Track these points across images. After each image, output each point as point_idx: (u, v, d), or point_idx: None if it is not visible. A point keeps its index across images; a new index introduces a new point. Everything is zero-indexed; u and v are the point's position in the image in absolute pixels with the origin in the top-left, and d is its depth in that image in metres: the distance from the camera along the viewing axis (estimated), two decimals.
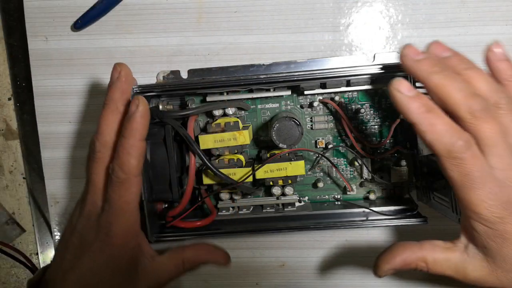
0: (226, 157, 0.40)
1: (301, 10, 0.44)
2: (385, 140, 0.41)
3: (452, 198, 0.37)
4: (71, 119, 0.46)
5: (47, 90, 0.46)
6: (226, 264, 0.39)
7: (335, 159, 0.44)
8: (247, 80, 0.37)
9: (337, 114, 0.42)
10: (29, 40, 0.45)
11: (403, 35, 0.44)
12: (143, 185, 0.37)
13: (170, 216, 0.40)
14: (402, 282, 0.47)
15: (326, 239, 0.47)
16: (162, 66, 0.45)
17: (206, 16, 0.44)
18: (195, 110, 0.39)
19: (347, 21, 0.44)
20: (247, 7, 0.44)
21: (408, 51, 0.31)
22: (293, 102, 0.43)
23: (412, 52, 0.31)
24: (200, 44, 0.45)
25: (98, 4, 0.44)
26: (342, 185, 0.44)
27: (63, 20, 0.45)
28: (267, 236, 0.47)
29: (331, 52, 0.44)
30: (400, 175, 0.42)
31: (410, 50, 0.31)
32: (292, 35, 0.44)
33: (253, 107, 0.43)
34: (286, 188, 0.41)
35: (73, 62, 0.45)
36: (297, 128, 0.38)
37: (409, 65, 0.31)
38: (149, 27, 0.45)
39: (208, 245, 0.39)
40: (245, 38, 0.45)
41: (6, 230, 0.50)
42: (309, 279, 0.48)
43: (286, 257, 0.48)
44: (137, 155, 0.33)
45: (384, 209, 0.42)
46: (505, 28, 0.43)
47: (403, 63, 0.31)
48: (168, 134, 0.39)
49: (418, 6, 0.43)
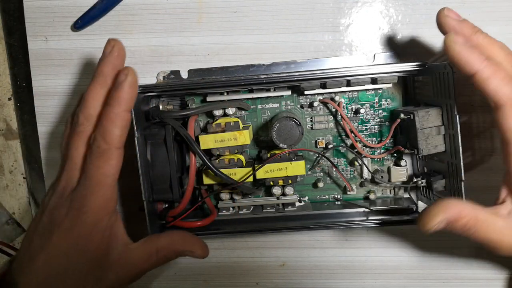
0: (227, 157, 0.40)
1: (301, 10, 0.44)
2: (385, 140, 0.41)
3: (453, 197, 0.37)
4: None
5: (47, 90, 0.46)
6: (203, 256, 0.37)
7: (335, 159, 0.44)
8: (247, 80, 0.37)
9: (337, 114, 0.42)
10: (29, 40, 0.45)
11: (403, 35, 0.44)
12: (144, 185, 0.37)
13: (171, 216, 0.40)
14: (403, 281, 0.47)
15: (326, 239, 0.47)
16: (162, 66, 0.45)
17: (206, 16, 0.44)
18: (196, 110, 0.39)
19: (347, 21, 0.44)
20: (247, 7, 0.44)
21: (449, 12, 0.33)
22: (293, 102, 0.43)
23: (453, 13, 0.33)
24: (200, 44, 0.45)
25: (98, 4, 0.44)
26: (342, 185, 0.44)
27: (63, 20, 0.45)
28: (267, 236, 0.47)
29: (331, 52, 0.44)
30: (400, 175, 0.42)
31: (451, 12, 0.33)
32: (292, 35, 0.44)
33: (253, 107, 0.43)
34: (286, 188, 0.41)
35: (73, 62, 0.45)
36: (297, 128, 0.38)
37: (453, 25, 0.33)
38: (149, 27, 0.45)
39: (183, 232, 0.37)
40: (245, 38, 0.44)
41: (6, 230, 0.50)
42: (309, 279, 0.48)
43: (286, 257, 0.48)
44: (122, 126, 0.32)
45: (384, 209, 0.42)
46: (505, 28, 0.43)
47: (446, 22, 0.33)
48: (168, 134, 0.39)
49: (418, 6, 0.43)
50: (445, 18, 0.33)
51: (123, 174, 0.46)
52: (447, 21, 0.33)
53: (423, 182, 0.39)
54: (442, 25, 0.33)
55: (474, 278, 0.47)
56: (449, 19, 0.33)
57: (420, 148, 0.37)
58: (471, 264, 0.46)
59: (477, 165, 0.44)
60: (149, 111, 0.40)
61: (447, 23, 0.33)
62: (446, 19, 0.33)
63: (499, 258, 0.46)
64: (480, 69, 0.30)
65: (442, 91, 0.36)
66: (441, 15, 0.33)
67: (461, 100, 0.43)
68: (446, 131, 0.37)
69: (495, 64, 0.31)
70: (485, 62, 0.30)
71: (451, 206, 0.31)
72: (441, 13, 0.33)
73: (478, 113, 0.44)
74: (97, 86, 0.33)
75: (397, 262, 0.47)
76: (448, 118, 0.36)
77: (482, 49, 0.32)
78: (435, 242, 0.46)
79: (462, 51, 0.30)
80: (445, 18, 0.33)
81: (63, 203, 0.32)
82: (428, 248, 0.46)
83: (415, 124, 0.36)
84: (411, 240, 0.46)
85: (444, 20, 0.33)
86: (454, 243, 0.46)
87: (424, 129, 0.37)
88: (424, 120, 0.37)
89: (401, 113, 0.38)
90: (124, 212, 0.47)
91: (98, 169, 0.32)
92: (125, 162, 0.46)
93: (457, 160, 0.35)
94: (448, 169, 0.37)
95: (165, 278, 0.48)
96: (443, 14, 0.33)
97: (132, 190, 0.47)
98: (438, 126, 0.37)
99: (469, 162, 0.31)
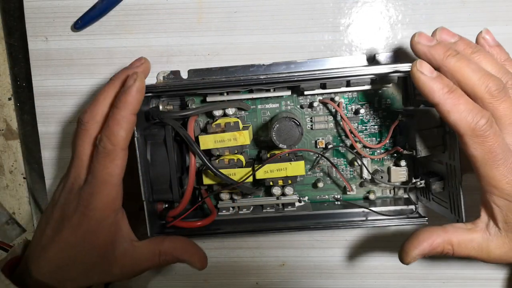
0: (226, 157, 0.40)
1: (301, 10, 0.44)
2: (385, 140, 0.41)
3: (451, 199, 0.37)
4: (71, 119, 0.46)
5: (47, 90, 0.46)
6: (200, 267, 0.38)
7: (335, 159, 0.44)
8: (247, 81, 0.37)
9: (337, 114, 0.42)
10: (29, 40, 0.45)
11: (403, 35, 0.44)
12: (144, 185, 0.37)
13: (171, 216, 0.41)
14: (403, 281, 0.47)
15: (326, 239, 0.47)
16: (162, 66, 0.45)
17: (206, 16, 0.44)
18: (195, 110, 0.39)
19: (347, 21, 0.44)
20: (247, 7, 0.44)
21: (420, 38, 0.33)
22: (293, 102, 0.43)
23: (424, 39, 0.32)
24: (200, 44, 0.45)
25: (98, 4, 0.44)
26: (342, 185, 0.44)
27: (63, 20, 0.45)
28: (267, 236, 0.47)
29: (331, 52, 0.44)
30: (399, 175, 0.42)
31: (422, 37, 0.33)
32: (292, 35, 0.44)
33: (253, 107, 0.43)
34: (286, 188, 0.41)
35: (73, 62, 0.45)
36: (297, 129, 0.38)
37: (424, 51, 0.32)
38: (149, 27, 0.45)
39: (186, 240, 0.38)
40: (245, 38, 0.44)
41: (6, 230, 0.50)
42: (309, 279, 0.48)
43: (286, 257, 0.48)
44: (127, 128, 0.33)
45: (384, 209, 0.42)
46: (505, 28, 0.43)
47: (417, 49, 0.33)
48: (168, 134, 0.39)
49: (418, 6, 0.43)
50: (416, 45, 0.33)
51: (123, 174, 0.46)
52: (418, 48, 0.33)
53: (421, 183, 0.39)
54: (414, 51, 0.33)
55: (474, 278, 0.47)
56: (419, 45, 0.32)
57: (418, 149, 0.37)
58: (471, 264, 0.46)
59: None
60: (149, 111, 0.40)
61: (418, 50, 0.33)
62: (417, 46, 0.33)
63: None
64: (440, 102, 0.30)
65: None
66: (413, 42, 0.33)
67: None
68: (445, 132, 0.37)
69: (457, 95, 0.30)
70: (446, 94, 0.30)
71: (422, 238, 0.33)
72: (412, 40, 0.33)
73: None
74: (110, 88, 0.35)
75: (397, 262, 0.47)
76: None
77: (452, 74, 0.31)
78: None
79: (426, 83, 0.31)
80: (417, 45, 0.33)
81: (72, 200, 0.34)
82: None
83: (414, 125, 0.36)
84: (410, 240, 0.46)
85: (415, 48, 0.33)
86: None
87: (423, 130, 0.37)
88: (423, 120, 0.36)
89: (400, 114, 0.38)
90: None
91: (104, 168, 0.33)
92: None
93: (455, 161, 0.35)
94: (447, 171, 0.37)
95: (165, 278, 0.49)
96: (414, 41, 0.33)
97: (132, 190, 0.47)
98: (437, 126, 0.37)
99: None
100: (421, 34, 0.33)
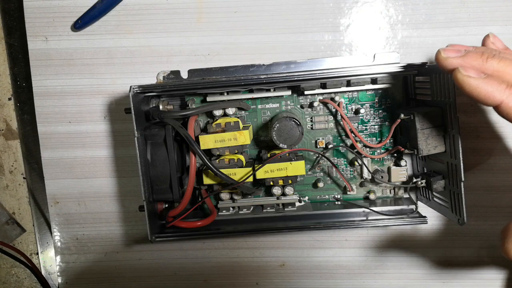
0: (227, 157, 0.40)
1: (301, 10, 0.44)
2: (385, 140, 0.41)
3: (451, 199, 0.37)
4: (71, 119, 0.46)
5: (47, 90, 0.46)
6: None
7: (335, 159, 0.44)
8: (247, 80, 0.37)
9: (337, 114, 0.42)
10: (29, 40, 0.45)
11: (403, 35, 0.44)
12: (144, 185, 0.37)
13: (171, 216, 0.40)
14: (403, 281, 0.47)
15: (326, 239, 0.47)
16: (162, 66, 0.45)
17: (206, 16, 0.44)
18: (196, 110, 0.39)
19: (347, 21, 0.44)
20: (247, 7, 0.44)
21: (447, 52, 0.30)
22: (293, 102, 0.43)
23: (452, 52, 0.30)
24: (200, 44, 0.45)
25: (98, 4, 0.44)
26: (342, 185, 0.44)
27: (63, 20, 0.45)
28: (267, 236, 0.47)
29: (331, 52, 0.44)
30: (400, 175, 0.42)
31: (448, 51, 0.30)
32: (292, 35, 0.44)
33: (254, 107, 0.43)
34: (286, 188, 0.41)
35: (73, 62, 0.45)
36: (297, 128, 0.38)
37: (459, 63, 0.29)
38: (149, 27, 0.45)
39: None
40: (245, 38, 0.44)
41: (6, 230, 0.50)
42: (309, 279, 0.48)
43: (286, 257, 0.48)
44: None
45: (384, 209, 0.42)
46: (505, 28, 0.43)
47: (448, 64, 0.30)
48: (168, 134, 0.39)
49: (418, 6, 0.43)
50: (446, 60, 0.30)
51: (123, 174, 0.46)
52: (449, 62, 0.30)
53: (422, 183, 0.40)
54: (445, 67, 0.30)
55: (474, 278, 0.47)
56: (450, 60, 0.29)
57: (420, 148, 0.37)
58: (471, 264, 0.46)
59: (477, 166, 0.44)
60: (149, 111, 0.40)
61: (450, 64, 0.30)
62: (448, 61, 0.30)
63: (499, 258, 0.46)
64: (504, 100, 0.28)
65: (442, 91, 0.36)
66: (441, 59, 0.30)
67: (461, 100, 0.43)
68: (446, 131, 0.37)
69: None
70: (507, 90, 0.28)
71: None
72: (439, 57, 0.30)
73: (478, 113, 0.44)
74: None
75: (396, 262, 0.47)
76: (448, 118, 0.36)
77: (499, 75, 0.29)
78: (435, 242, 0.46)
79: (479, 85, 0.28)
80: (446, 60, 0.30)
81: None
82: (428, 249, 0.46)
83: (415, 124, 0.36)
84: (410, 240, 0.46)
85: (445, 63, 0.30)
86: (453, 243, 0.46)
87: (424, 129, 0.37)
88: (424, 120, 0.36)
89: (401, 113, 0.38)
90: (124, 212, 0.47)
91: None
92: (125, 162, 0.46)
93: (457, 160, 0.35)
94: (448, 170, 0.37)
95: (165, 278, 0.49)
96: (441, 57, 0.30)
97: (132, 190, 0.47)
98: (438, 126, 0.37)
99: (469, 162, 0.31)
100: (445, 49, 0.30)
